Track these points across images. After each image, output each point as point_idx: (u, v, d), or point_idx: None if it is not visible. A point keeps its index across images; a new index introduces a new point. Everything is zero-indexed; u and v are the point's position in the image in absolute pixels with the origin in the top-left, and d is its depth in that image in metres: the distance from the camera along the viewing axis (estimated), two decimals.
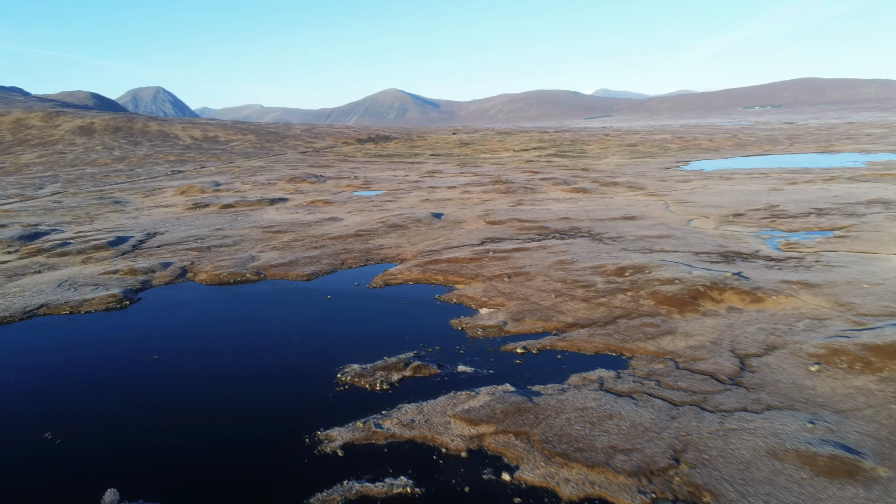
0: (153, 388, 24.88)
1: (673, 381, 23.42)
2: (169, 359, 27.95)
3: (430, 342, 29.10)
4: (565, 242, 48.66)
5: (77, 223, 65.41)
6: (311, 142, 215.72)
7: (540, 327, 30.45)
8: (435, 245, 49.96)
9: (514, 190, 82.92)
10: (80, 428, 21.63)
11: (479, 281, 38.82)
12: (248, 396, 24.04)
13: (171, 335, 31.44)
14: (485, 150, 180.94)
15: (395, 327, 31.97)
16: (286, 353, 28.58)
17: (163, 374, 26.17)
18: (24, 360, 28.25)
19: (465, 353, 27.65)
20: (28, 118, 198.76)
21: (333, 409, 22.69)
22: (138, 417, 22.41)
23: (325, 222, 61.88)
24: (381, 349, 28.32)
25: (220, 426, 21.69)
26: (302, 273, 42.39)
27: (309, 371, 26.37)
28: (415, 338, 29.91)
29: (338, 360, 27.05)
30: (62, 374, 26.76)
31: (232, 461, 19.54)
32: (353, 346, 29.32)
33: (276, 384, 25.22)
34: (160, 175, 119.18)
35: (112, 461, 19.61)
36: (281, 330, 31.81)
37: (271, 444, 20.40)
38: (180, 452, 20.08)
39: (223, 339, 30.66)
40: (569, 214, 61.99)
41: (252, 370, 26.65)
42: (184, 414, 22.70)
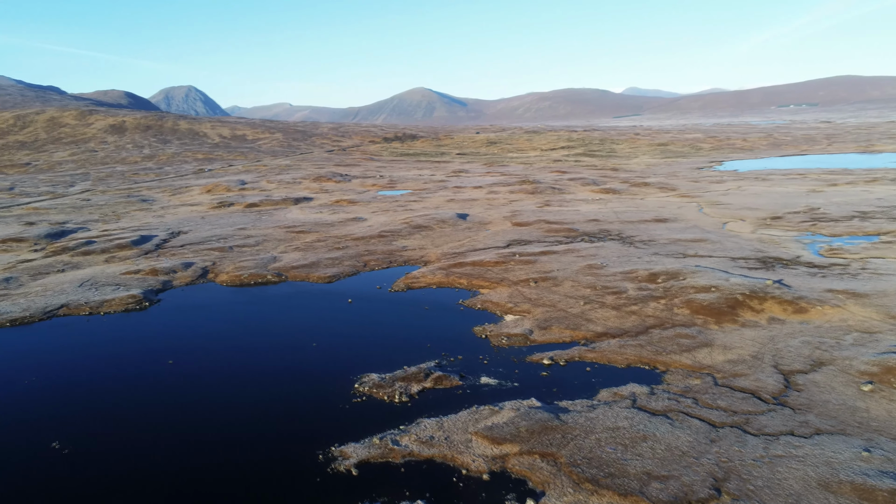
0: (164, 398, 24.10)
1: (711, 398, 21.83)
2: (183, 365, 27.20)
3: (452, 351, 27.89)
4: (594, 246, 47.02)
5: (104, 221, 65.69)
6: (338, 140, 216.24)
7: (568, 336, 29.02)
8: (459, 247, 48.74)
9: (541, 190, 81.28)
10: (85, 437, 20.92)
11: (504, 286, 37.49)
12: (262, 407, 23.10)
13: (187, 339, 30.76)
14: (512, 150, 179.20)
15: (416, 334, 30.83)
16: (303, 361, 27.63)
17: (175, 382, 25.40)
18: (39, 365, 27.79)
19: (488, 364, 26.39)
20: (62, 116, 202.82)
21: (349, 422, 21.62)
22: (144, 431, 21.60)
23: (349, 222, 61.10)
24: (402, 357, 27.20)
25: (231, 440, 20.76)
26: (323, 275, 41.53)
27: (326, 380, 25.35)
28: (436, 345, 28.73)
29: (356, 369, 26.01)
30: (74, 381, 26.17)
31: (241, 479, 18.56)
32: (373, 353, 28.26)
33: (292, 394, 24.25)
34: (188, 173, 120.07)
35: (114, 475, 18.82)
36: (299, 335, 30.90)
37: (283, 460, 19.39)
38: (185, 468, 19.19)
39: (240, 345, 29.86)
40: (598, 216, 60.22)
41: (268, 378, 25.73)
42: (194, 425, 21.84)
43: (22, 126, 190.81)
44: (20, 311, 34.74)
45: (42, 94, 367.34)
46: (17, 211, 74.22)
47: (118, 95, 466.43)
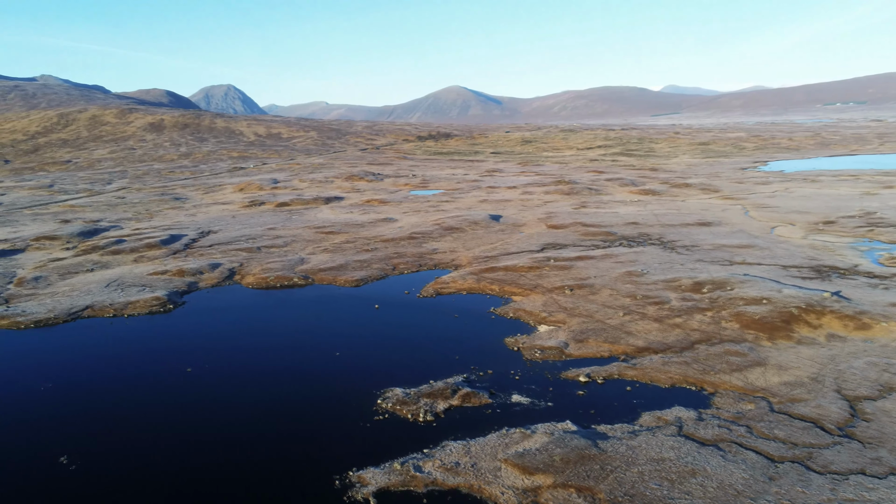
0: (177, 411, 23.01)
1: (767, 427, 19.72)
2: (201, 374, 26.14)
3: (481, 364, 26.24)
4: (634, 251, 44.76)
5: (136, 219, 65.83)
6: (372, 139, 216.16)
7: (606, 351, 27.09)
8: (492, 250, 47.01)
9: (577, 191, 78.90)
10: (94, 453, 19.90)
11: (538, 293, 35.65)
12: (279, 423, 21.81)
13: (207, 346, 29.75)
14: (547, 149, 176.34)
15: (444, 344, 29.24)
16: (325, 372, 26.31)
17: (191, 394, 24.31)
18: (56, 371, 27.11)
19: (520, 380, 24.66)
20: (103, 115, 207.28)
21: (370, 443, 20.16)
22: (151, 448, 20.50)
23: (379, 223, 59.88)
24: (428, 370, 25.67)
25: (244, 460, 19.50)
26: (351, 278, 40.29)
27: (347, 394, 23.95)
28: (465, 358, 27.11)
29: (380, 382, 24.57)
30: (87, 391, 25.32)
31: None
32: (398, 365, 26.79)
33: (311, 409, 22.93)
34: (222, 171, 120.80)
35: (121, 493, 17.74)
36: (323, 343, 29.64)
37: (298, 486, 18.03)
38: (191, 490, 17.98)
39: (260, 353, 28.70)
40: (637, 219, 57.76)
41: (287, 391, 24.47)
42: (204, 442, 20.64)
43: (65, 124, 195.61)
44: (45, 312, 34.30)
45: (87, 93, 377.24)
46: (54, 208, 75.10)
47: (159, 94, 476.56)
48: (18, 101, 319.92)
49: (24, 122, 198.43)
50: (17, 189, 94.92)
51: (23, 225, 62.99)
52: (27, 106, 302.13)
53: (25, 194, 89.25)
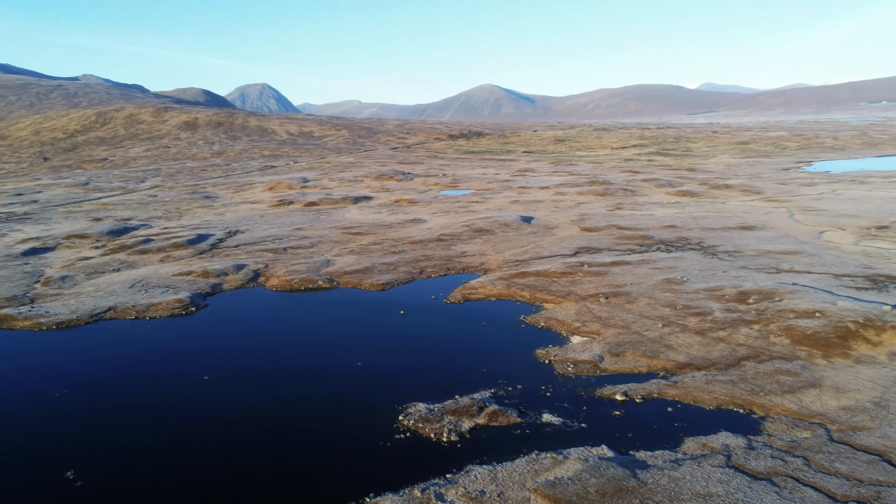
0: (190, 425, 21.99)
1: (827, 460, 17.78)
2: (219, 383, 25.14)
3: (510, 378, 24.70)
4: (672, 256, 42.62)
5: (166, 218, 65.84)
6: (403, 137, 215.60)
7: (644, 366, 25.29)
8: (523, 254, 45.33)
9: (612, 192, 76.54)
10: (100, 467, 18.97)
11: (571, 301, 33.91)
12: (295, 441, 20.62)
13: (226, 352, 28.80)
14: (581, 148, 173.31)
15: (471, 355, 27.76)
16: (346, 383, 25.07)
17: (205, 405, 23.29)
18: (71, 376, 26.46)
19: (552, 397, 23.05)
20: (140, 113, 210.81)
21: (389, 465, 18.82)
22: (160, 464, 19.49)
23: (408, 224, 58.64)
24: (454, 384, 24.23)
25: (255, 480, 18.33)
26: (376, 282, 39.09)
27: (368, 408, 22.66)
28: (493, 371, 25.60)
29: (402, 396, 23.23)
30: (102, 396, 24.53)
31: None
32: (422, 377, 25.43)
33: (330, 425, 21.68)
34: (253, 170, 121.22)
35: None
36: (345, 351, 28.41)
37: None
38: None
39: (279, 362, 27.61)
40: (675, 222, 55.39)
41: (305, 404, 23.30)
42: (214, 460, 19.52)
43: (103, 123, 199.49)
44: (68, 314, 33.86)
45: (126, 92, 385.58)
46: (87, 206, 75.77)
47: (196, 93, 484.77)
48: (60, 100, 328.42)
49: (64, 120, 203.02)
50: (53, 186, 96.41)
51: (55, 223, 63.48)
52: (69, 105, 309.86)
53: (61, 192, 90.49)
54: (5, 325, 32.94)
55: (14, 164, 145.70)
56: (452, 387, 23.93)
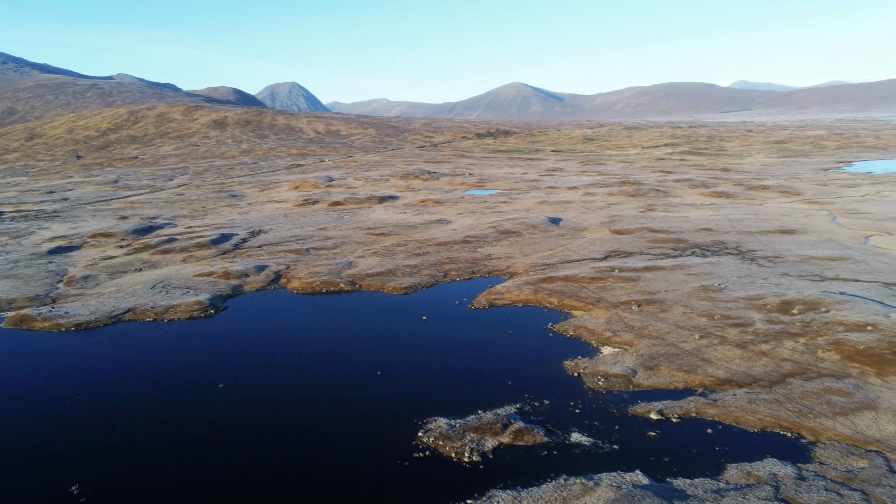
0: (200, 438, 21.08)
1: (890, 495, 16.08)
2: (233, 391, 24.25)
3: (537, 392, 23.32)
4: (708, 262, 40.69)
5: (191, 217, 65.73)
6: (430, 136, 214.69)
7: (681, 381, 23.69)
8: (551, 257, 43.81)
9: (643, 193, 74.35)
10: (103, 482, 18.15)
11: (601, 308, 32.35)
12: (308, 456, 19.58)
13: (243, 358, 27.93)
14: (610, 147, 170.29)
15: (496, 366, 26.44)
16: (364, 394, 23.96)
17: (218, 416, 22.39)
18: (86, 381, 25.85)
19: (581, 413, 21.62)
20: (170, 112, 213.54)
21: (405, 487, 17.65)
22: (166, 474, 18.59)
23: (433, 225, 57.48)
24: (477, 398, 22.96)
25: (260, 499, 17.30)
26: (399, 285, 37.98)
27: (386, 422, 21.52)
28: (519, 383, 24.26)
29: (422, 409, 22.04)
30: (114, 403, 23.76)
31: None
32: (444, 389, 24.20)
33: (346, 440, 20.57)
34: (280, 168, 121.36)
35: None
36: (364, 360, 27.32)
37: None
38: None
39: (296, 369, 26.64)
40: (710, 224, 53.24)
41: (321, 415, 22.25)
42: (223, 475, 18.54)
43: (134, 121, 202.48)
44: (87, 315, 33.43)
45: (159, 91, 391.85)
46: (116, 204, 76.23)
47: (227, 92, 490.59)
48: (96, 99, 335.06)
49: (97, 118, 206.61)
50: (84, 184, 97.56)
51: (83, 221, 63.81)
52: (103, 103, 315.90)
53: (91, 190, 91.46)
54: (25, 325, 32.63)
55: (48, 162, 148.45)
56: (475, 400, 22.67)
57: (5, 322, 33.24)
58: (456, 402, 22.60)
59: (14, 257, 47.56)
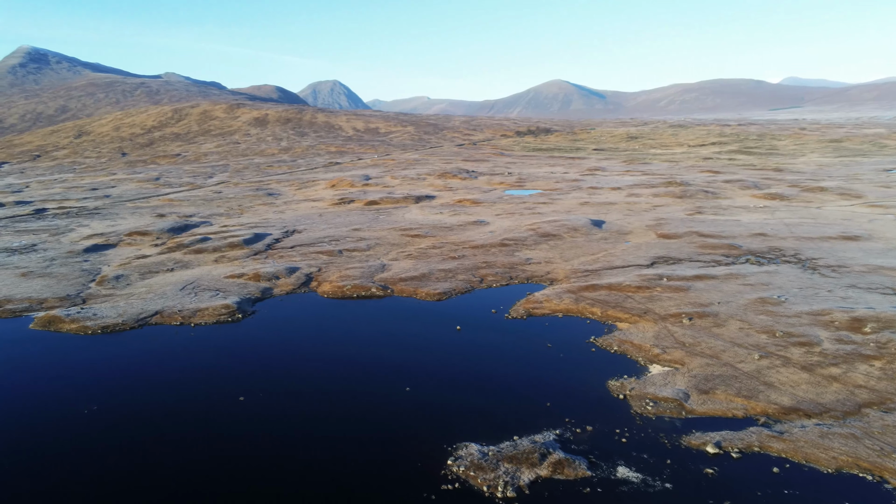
0: (215, 456, 19.73)
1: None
2: (253, 405, 22.92)
3: (579, 416, 21.29)
4: (765, 270, 37.80)
5: (227, 215, 65.39)
6: (469, 134, 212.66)
7: (740, 409, 21.33)
8: (593, 263, 41.50)
9: (690, 194, 70.97)
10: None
11: (648, 321, 30.03)
12: (327, 483, 18.02)
13: (267, 369, 26.62)
14: (655, 145, 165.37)
15: (533, 384, 24.48)
16: (391, 412, 22.32)
17: (235, 432, 21.04)
18: (106, 389, 24.89)
19: (628, 443, 19.52)
20: (213, 110, 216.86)
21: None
22: (175, 494, 17.26)
23: (469, 226, 55.62)
24: (513, 420, 21.09)
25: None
26: (433, 291, 36.29)
27: (413, 446, 19.84)
28: (559, 405, 22.27)
29: (453, 432, 20.28)
30: (131, 415, 22.64)
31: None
32: (477, 410, 22.35)
33: (368, 465, 18.95)
34: (318, 166, 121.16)
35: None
36: (393, 373, 25.71)
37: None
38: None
39: (321, 383, 25.16)
40: (765, 229, 49.99)
41: (343, 438, 20.65)
42: (230, 498, 17.20)
43: (178, 119, 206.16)
44: (115, 317, 32.73)
45: (204, 89, 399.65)
46: (155, 202, 76.66)
47: (270, 90, 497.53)
48: (144, 97, 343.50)
49: (143, 116, 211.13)
50: (126, 181, 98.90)
51: (122, 219, 64.08)
52: (151, 101, 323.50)
53: (133, 187, 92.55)
54: (52, 327, 32.09)
55: (94, 159, 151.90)
56: (511, 424, 20.80)
57: (34, 323, 32.79)
58: (490, 426, 20.78)
59: (51, 255, 47.62)
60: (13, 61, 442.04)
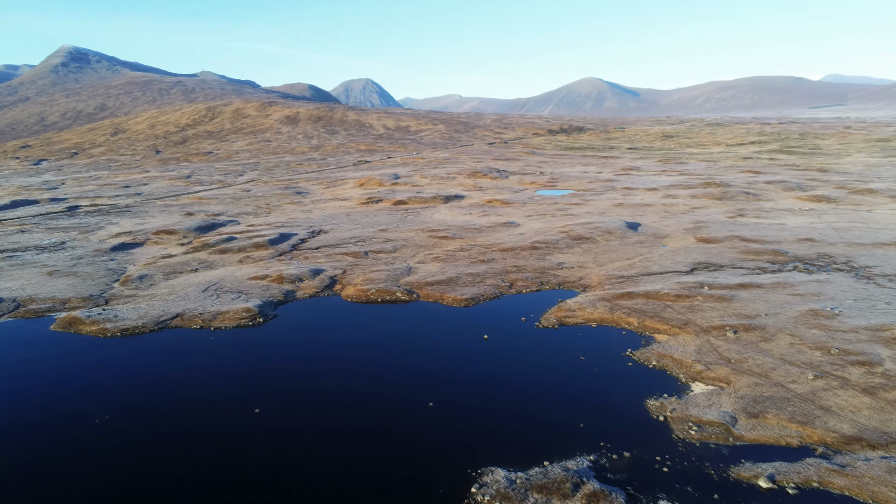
0: (225, 475, 18.57)
1: None
2: (268, 418, 21.78)
3: (615, 439, 19.60)
4: (815, 279, 35.39)
5: (254, 214, 64.91)
6: (500, 132, 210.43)
7: (795, 436, 19.39)
8: (628, 268, 39.54)
9: (731, 196, 68.09)
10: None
11: (689, 332, 28.09)
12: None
13: (285, 378, 25.51)
14: (692, 144, 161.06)
15: (566, 402, 22.83)
16: (413, 430, 20.94)
17: (248, 448, 19.86)
18: (119, 398, 24.00)
19: (670, 473, 17.79)
20: (245, 108, 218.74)
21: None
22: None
23: (499, 228, 53.98)
24: (543, 443, 19.52)
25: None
26: (460, 296, 34.82)
27: (434, 469, 18.44)
28: (593, 426, 20.61)
29: (478, 455, 18.80)
30: (142, 426, 21.66)
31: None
32: (504, 429, 20.82)
33: (385, 492, 17.58)
34: (347, 165, 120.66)
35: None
36: (416, 386, 24.35)
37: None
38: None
39: (341, 395, 23.90)
40: (812, 234, 47.27)
41: (361, 459, 19.30)
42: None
43: (211, 117, 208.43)
44: (135, 319, 32.05)
45: (238, 88, 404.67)
46: (184, 200, 76.74)
47: (303, 88, 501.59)
48: (179, 96, 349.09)
49: (177, 114, 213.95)
50: (159, 179, 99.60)
51: (151, 217, 64.08)
52: (187, 100, 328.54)
53: (165, 185, 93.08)
54: (73, 329, 31.55)
55: (129, 157, 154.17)
56: (541, 447, 19.25)
57: (55, 324, 32.32)
58: (518, 448, 19.26)
59: (78, 253, 47.51)
60: (55, 61, 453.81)
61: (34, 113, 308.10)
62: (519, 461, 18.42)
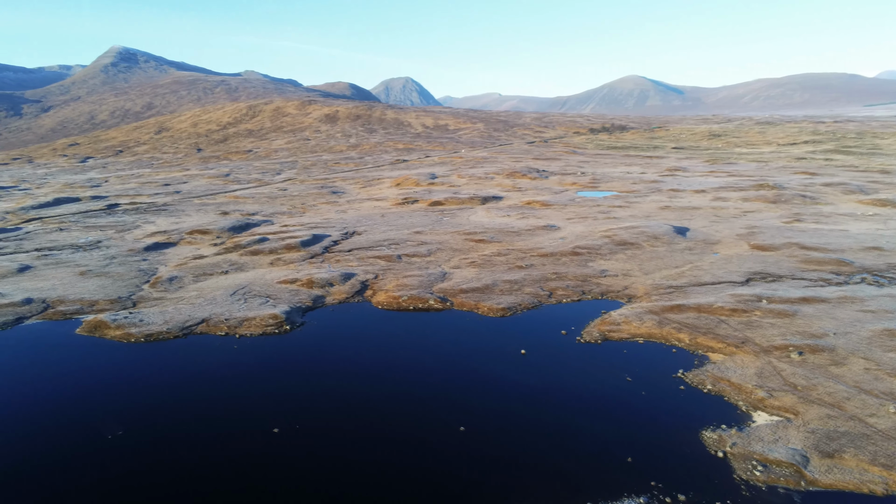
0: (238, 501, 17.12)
1: None
2: (287, 439, 20.29)
3: (668, 478, 17.42)
4: (887, 294, 32.23)
5: (289, 214, 64.11)
6: (540, 131, 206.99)
7: (879, 483, 16.88)
8: (677, 277, 36.95)
9: (786, 199, 64.27)
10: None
11: (748, 353, 25.54)
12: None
13: (307, 394, 24.04)
14: (740, 144, 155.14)
15: (611, 431, 20.65)
16: (441, 459, 19.13)
17: (262, 472, 18.31)
18: (134, 412, 22.82)
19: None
20: (286, 106, 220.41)
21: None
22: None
23: (538, 231, 51.75)
24: (586, 479, 17.49)
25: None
26: (496, 305, 32.86)
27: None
28: (643, 460, 18.45)
29: (513, 493, 16.89)
30: (155, 442, 20.38)
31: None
32: (542, 462, 18.80)
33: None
34: (384, 164, 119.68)
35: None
36: (446, 408, 22.52)
37: None
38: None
39: (366, 413, 22.24)
40: (879, 242, 43.71)
41: (383, 494, 17.57)
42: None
43: (252, 115, 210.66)
44: (160, 324, 31.10)
45: (280, 87, 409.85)
46: (221, 198, 76.62)
47: (343, 87, 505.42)
48: (223, 95, 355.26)
49: (219, 113, 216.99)
50: (198, 177, 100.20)
51: (187, 216, 63.87)
52: (230, 98, 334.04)
53: (203, 183, 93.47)
54: (98, 332, 30.79)
55: (171, 155, 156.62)
56: (584, 483, 17.24)
57: (81, 327, 31.64)
58: (557, 484, 17.30)
59: (112, 253, 47.24)
60: (105, 61, 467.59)
61: (84, 112, 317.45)
62: (560, 501, 16.43)
